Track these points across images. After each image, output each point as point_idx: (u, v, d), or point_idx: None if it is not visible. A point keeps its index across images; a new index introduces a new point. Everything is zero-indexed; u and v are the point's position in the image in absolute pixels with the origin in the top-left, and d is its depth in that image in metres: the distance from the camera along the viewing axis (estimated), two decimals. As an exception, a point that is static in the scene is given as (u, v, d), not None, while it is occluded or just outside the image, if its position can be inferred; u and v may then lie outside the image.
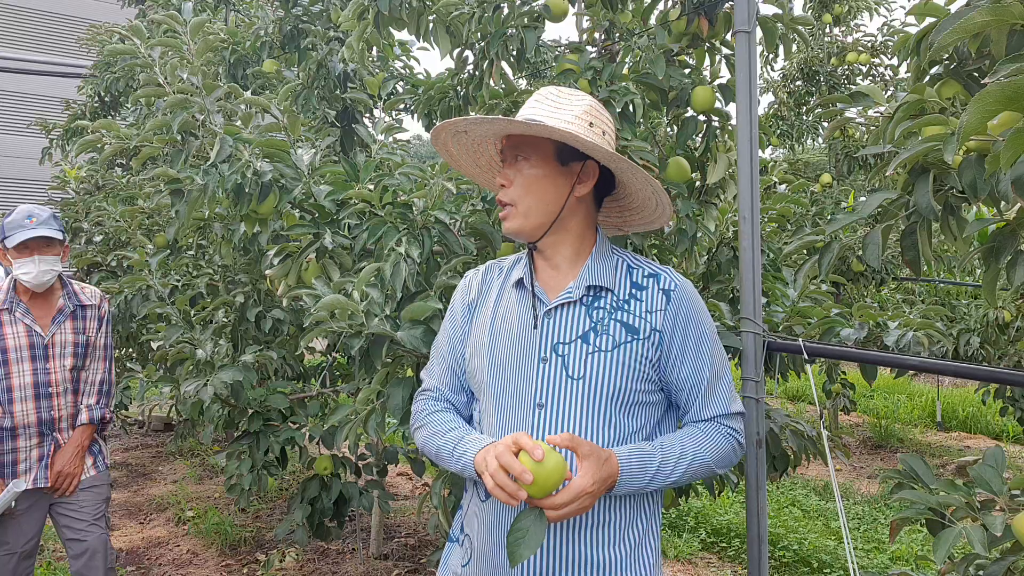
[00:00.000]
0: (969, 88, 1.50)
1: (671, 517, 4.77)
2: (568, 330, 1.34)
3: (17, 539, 2.60)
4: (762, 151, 2.86)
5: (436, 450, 1.39)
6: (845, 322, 2.31)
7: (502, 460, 1.16)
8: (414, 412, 1.50)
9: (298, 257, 2.32)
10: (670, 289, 1.37)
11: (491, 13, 2.51)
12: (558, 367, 1.32)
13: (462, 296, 1.49)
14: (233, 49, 4.07)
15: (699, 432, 1.38)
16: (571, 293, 1.36)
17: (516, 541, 1.15)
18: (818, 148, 9.09)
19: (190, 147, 2.29)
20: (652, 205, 1.45)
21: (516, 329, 1.37)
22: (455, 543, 1.49)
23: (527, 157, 1.36)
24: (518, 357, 1.35)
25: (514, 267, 1.46)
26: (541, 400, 1.32)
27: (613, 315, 1.35)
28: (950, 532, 1.37)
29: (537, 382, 1.33)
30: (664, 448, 1.33)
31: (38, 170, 7.63)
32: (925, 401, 8.36)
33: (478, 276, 1.50)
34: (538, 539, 1.15)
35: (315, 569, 3.93)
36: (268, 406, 2.74)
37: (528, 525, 1.17)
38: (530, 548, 1.14)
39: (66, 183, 4.91)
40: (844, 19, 6.92)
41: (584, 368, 1.31)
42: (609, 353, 1.32)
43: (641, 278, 1.39)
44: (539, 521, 1.17)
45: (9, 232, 2.58)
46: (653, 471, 1.30)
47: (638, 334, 1.34)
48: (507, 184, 1.37)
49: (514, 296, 1.41)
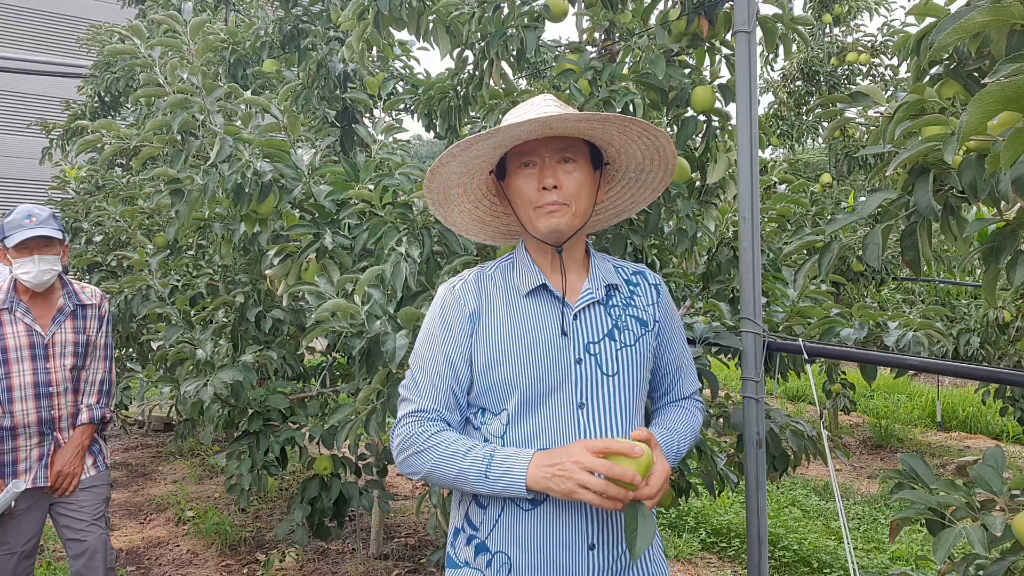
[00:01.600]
0: (969, 88, 1.50)
1: (671, 517, 4.77)
2: (595, 329, 1.40)
3: (17, 539, 2.60)
4: (762, 151, 2.86)
5: (457, 473, 1.31)
6: (845, 322, 2.31)
7: (612, 472, 1.20)
8: (406, 436, 1.37)
9: (298, 257, 2.32)
10: (656, 284, 1.51)
11: (491, 13, 2.51)
12: (592, 366, 1.37)
13: (458, 309, 1.41)
14: (233, 49, 4.08)
15: (684, 411, 1.54)
16: (593, 294, 1.41)
17: (632, 537, 1.21)
18: (818, 148, 9.09)
19: (190, 147, 2.29)
20: (645, 194, 1.57)
21: (545, 333, 1.37)
22: (463, 568, 1.40)
23: (575, 159, 1.38)
24: (553, 361, 1.36)
25: (510, 272, 1.44)
26: (582, 400, 1.35)
27: (626, 311, 1.44)
28: (950, 532, 1.37)
29: (575, 383, 1.36)
30: (674, 430, 1.46)
31: (38, 170, 7.63)
32: (925, 401, 8.36)
33: (470, 286, 1.43)
34: (652, 529, 1.23)
35: (315, 569, 3.94)
36: (268, 406, 2.74)
37: (635, 519, 1.22)
38: (648, 539, 1.20)
39: (66, 183, 4.91)
40: (844, 19, 6.93)
41: (617, 364, 1.38)
42: (632, 347, 1.41)
43: (630, 275, 1.50)
44: (644, 512, 1.24)
45: (9, 232, 2.58)
46: (675, 451, 1.43)
47: (647, 326, 1.45)
48: (558, 185, 1.36)
49: (531, 301, 1.40)
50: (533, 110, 1.40)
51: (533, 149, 1.38)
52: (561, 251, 1.42)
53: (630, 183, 1.54)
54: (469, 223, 1.57)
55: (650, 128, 1.38)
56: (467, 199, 1.52)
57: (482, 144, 1.36)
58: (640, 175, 1.51)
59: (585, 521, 1.32)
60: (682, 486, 2.73)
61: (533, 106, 1.43)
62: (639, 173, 1.51)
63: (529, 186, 1.38)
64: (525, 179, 1.39)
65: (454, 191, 1.49)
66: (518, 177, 1.39)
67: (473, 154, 1.39)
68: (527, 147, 1.38)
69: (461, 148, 1.36)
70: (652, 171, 1.50)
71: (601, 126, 1.35)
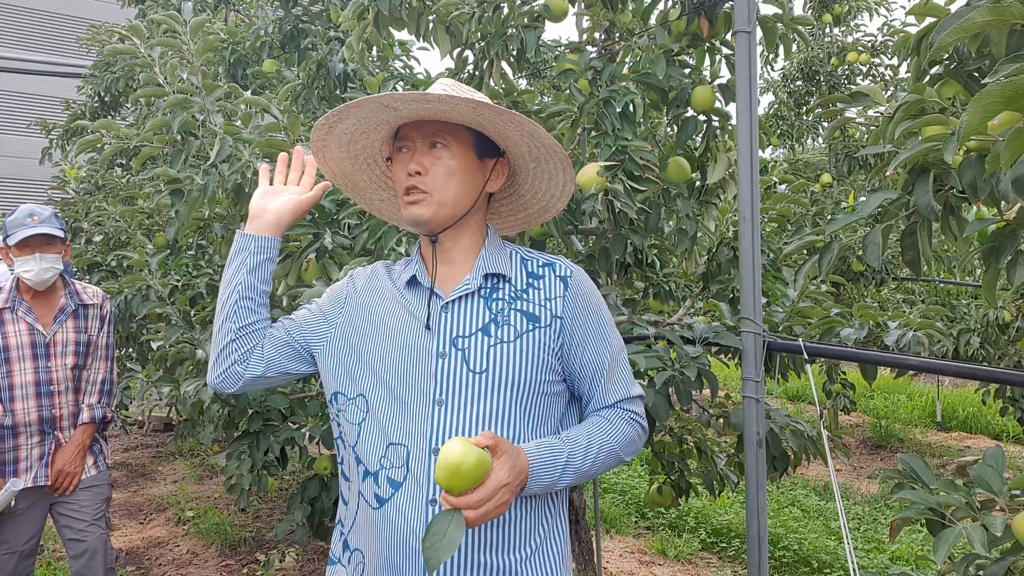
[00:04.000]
0: (969, 88, 1.50)
1: (671, 517, 4.77)
2: (468, 323, 1.29)
3: (17, 538, 2.60)
4: (762, 151, 2.86)
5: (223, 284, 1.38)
6: (845, 322, 2.31)
7: None
8: None
9: (298, 257, 2.32)
10: (567, 276, 1.35)
11: (491, 13, 2.51)
12: (458, 361, 1.27)
13: (344, 285, 1.43)
14: (233, 49, 4.08)
15: (604, 421, 1.35)
16: (468, 285, 1.31)
17: (434, 544, 1.06)
18: (818, 148, 9.09)
19: (190, 147, 2.29)
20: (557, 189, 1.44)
21: (411, 325, 1.31)
22: (336, 564, 1.36)
23: (447, 145, 1.30)
24: (415, 353, 1.28)
25: (404, 268, 1.39)
26: (441, 397, 1.25)
27: (513, 304, 1.31)
28: (950, 532, 1.37)
29: (436, 378, 1.26)
30: (571, 440, 1.29)
31: (38, 170, 7.63)
32: (925, 401, 8.37)
33: (365, 272, 1.43)
34: (456, 541, 1.07)
35: (315, 569, 3.94)
36: (268, 406, 2.74)
37: (445, 527, 1.08)
38: (448, 551, 1.05)
39: (66, 183, 4.91)
40: (844, 19, 6.93)
41: (487, 361, 1.26)
42: (512, 344, 1.28)
43: (537, 267, 1.36)
44: (457, 522, 1.09)
45: (11, 230, 2.59)
46: (563, 464, 1.25)
47: (539, 322, 1.30)
48: (422, 171, 1.28)
49: (406, 294, 1.35)
50: (434, 89, 1.32)
51: (407, 134, 1.31)
52: (435, 241, 1.35)
53: (542, 175, 1.42)
54: (393, 210, 1.54)
55: (503, 112, 1.25)
56: (378, 187, 1.49)
57: (344, 124, 1.34)
58: (541, 164, 1.39)
59: (425, 521, 1.23)
60: (682, 486, 2.73)
61: (438, 85, 1.35)
62: (538, 163, 1.39)
63: (400, 170, 1.32)
64: (399, 163, 1.32)
65: (360, 179, 1.46)
66: (396, 162, 1.34)
67: (344, 136, 1.37)
68: (405, 130, 1.32)
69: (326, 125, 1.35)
70: (547, 160, 1.37)
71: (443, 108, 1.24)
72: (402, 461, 1.25)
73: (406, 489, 1.24)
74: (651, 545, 4.33)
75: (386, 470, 1.26)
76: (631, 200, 2.12)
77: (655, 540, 4.37)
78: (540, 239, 2.27)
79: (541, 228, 2.17)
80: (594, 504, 2.96)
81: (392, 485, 1.25)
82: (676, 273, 2.73)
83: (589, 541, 2.75)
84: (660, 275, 2.67)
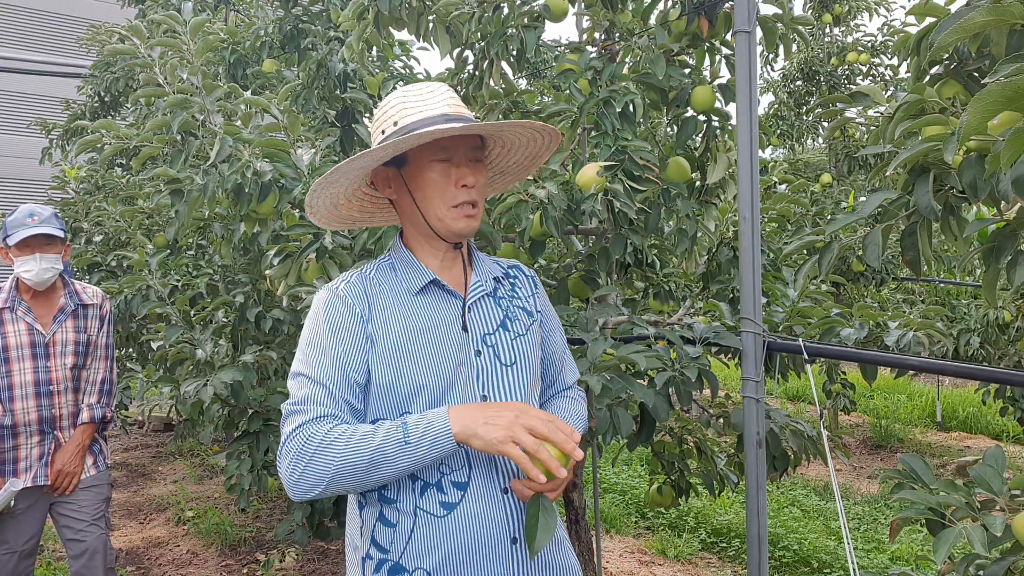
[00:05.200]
0: (969, 88, 1.50)
1: (671, 517, 4.77)
2: (489, 321, 1.39)
3: (17, 538, 2.60)
4: (762, 151, 2.86)
5: (372, 455, 1.18)
6: (845, 322, 2.31)
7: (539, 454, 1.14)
8: (301, 442, 1.21)
9: (298, 257, 2.32)
10: (532, 276, 1.53)
11: (491, 13, 2.51)
12: (491, 356, 1.36)
13: (347, 312, 1.30)
14: (233, 49, 4.08)
15: (569, 401, 1.53)
16: (483, 286, 1.41)
17: (533, 531, 1.19)
18: (818, 148, 9.08)
19: (190, 147, 2.29)
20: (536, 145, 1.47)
21: (445, 329, 1.33)
22: None
23: (482, 160, 1.37)
24: (454, 355, 1.32)
25: (392, 273, 1.38)
26: (484, 391, 1.33)
27: (512, 302, 1.45)
28: (950, 532, 1.37)
29: (477, 375, 1.34)
30: (569, 413, 1.50)
31: (38, 170, 7.63)
32: (925, 401, 8.36)
33: (355, 288, 1.33)
34: (553, 524, 1.19)
35: (315, 569, 3.94)
36: (268, 406, 2.74)
37: (538, 512, 1.20)
38: (549, 534, 1.18)
39: (66, 183, 4.91)
40: (844, 19, 6.93)
41: (514, 354, 1.39)
42: (524, 336, 1.42)
43: (508, 268, 1.51)
44: (547, 505, 1.21)
45: (11, 230, 2.59)
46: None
47: (532, 316, 1.47)
48: (476, 186, 1.33)
49: (424, 299, 1.35)
50: (441, 104, 1.33)
51: (450, 144, 1.32)
52: (460, 247, 1.41)
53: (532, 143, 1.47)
54: (389, 217, 1.53)
55: (526, 124, 1.35)
56: (375, 209, 1.50)
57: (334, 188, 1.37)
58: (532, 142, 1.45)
59: (505, 515, 1.28)
60: (682, 486, 2.73)
61: (433, 94, 1.34)
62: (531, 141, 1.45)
63: (446, 181, 1.31)
64: (441, 173, 1.31)
65: (353, 215, 1.49)
66: (431, 170, 1.31)
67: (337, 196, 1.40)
68: (445, 140, 1.31)
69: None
70: (541, 138, 1.44)
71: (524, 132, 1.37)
72: (462, 462, 1.29)
73: (474, 487, 1.29)
74: (651, 545, 4.33)
75: (447, 476, 1.28)
76: (631, 200, 2.13)
77: (655, 540, 4.37)
78: (540, 239, 2.27)
79: (541, 228, 2.17)
80: (594, 504, 2.96)
81: (458, 487, 1.28)
82: (676, 273, 2.73)
83: (589, 541, 2.75)
84: (660, 275, 2.67)
